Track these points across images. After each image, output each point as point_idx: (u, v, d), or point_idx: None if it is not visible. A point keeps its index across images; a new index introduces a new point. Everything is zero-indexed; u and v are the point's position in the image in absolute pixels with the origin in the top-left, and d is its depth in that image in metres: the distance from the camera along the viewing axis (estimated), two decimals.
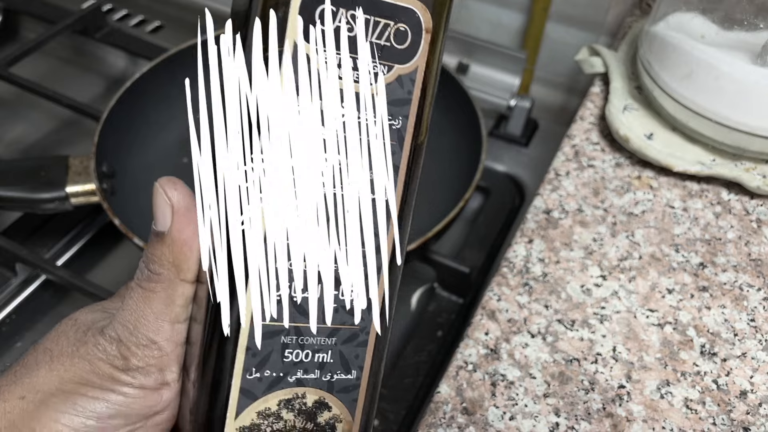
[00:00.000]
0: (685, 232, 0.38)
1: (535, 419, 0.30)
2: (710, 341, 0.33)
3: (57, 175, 0.40)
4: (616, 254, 0.37)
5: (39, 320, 0.43)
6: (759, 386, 0.31)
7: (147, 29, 0.64)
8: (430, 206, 0.44)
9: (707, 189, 0.41)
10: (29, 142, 0.55)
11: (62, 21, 0.58)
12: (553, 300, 0.35)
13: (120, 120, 0.44)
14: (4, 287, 0.43)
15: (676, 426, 0.30)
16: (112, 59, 0.63)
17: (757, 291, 0.35)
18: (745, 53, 0.39)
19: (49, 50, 0.61)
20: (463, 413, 0.30)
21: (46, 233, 0.45)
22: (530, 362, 0.32)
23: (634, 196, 0.40)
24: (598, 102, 0.47)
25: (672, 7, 0.42)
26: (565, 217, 0.39)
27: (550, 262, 0.37)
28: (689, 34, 0.41)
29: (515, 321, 0.34)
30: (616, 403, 0.31)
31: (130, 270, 0.45)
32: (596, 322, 0.34)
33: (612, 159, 0.43)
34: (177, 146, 0.48)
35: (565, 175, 0.42)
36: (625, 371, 0.32)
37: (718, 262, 0.37)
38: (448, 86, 0.46)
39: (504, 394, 0.31)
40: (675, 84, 0.41)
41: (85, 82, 0.61)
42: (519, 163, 0.53)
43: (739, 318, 0.34)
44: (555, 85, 0.62)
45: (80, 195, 0.40)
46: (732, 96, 0.38)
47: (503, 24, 0.61)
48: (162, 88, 0.48)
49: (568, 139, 0.44)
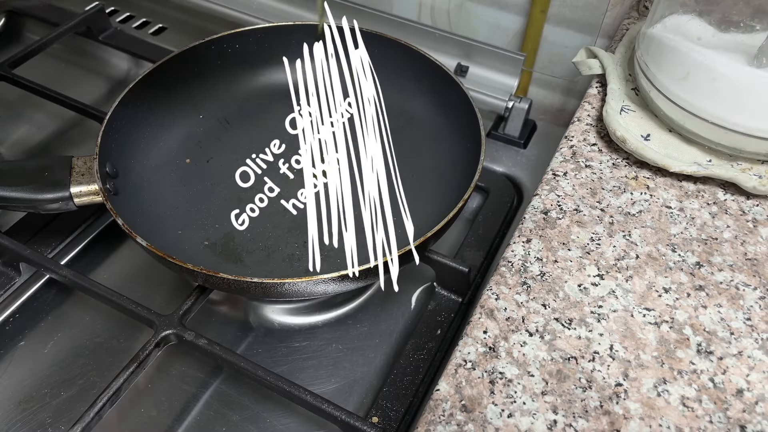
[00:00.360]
0: (682, 232, 0.39)
1: (533, 417, 0.30)
2: (707, 340, 0.33)
3: (60, 176, 0.40)
4: (613, 254, 0.37)
5: (43, 319, 0.43)
6: (755, 384, 0.32)
7: (150, 31, 0.64)
8: (430, 206, 0.44)
9: (703, 189, 0.41)
10: (33, 143, 0.55)
11: (65, 23, 0.59)
12: (550, 299, 0.35)
13: (123, 121, 0.44)
14: (8, 286, 0.43)
15: (673, 424, 0.30)
16: (115, 61, 0.63)
17: (753, 290, 0.36)
18: (741, 55, 0.39)
19: (53, 52, 0.62)
20: (462, 411, 0.31)
21: (49, 232, 0.46)
22: (528, 360, 0.33)
23: (631, 196, 0.41)
24: (596, 103, 0.48)
25: (669, 10, 0.43)
26: (562, 217, 0.39)
27: (548, 261, 0.37)
28: (686, 36, 0.41)
29: (513, 320, 0.34)
30: (613, 401, 0.31)
31: (133, 269, 0.46)
32: (593, 321, 0.34)
33: (609, 160, 0.43)
34: (179, 147, 0.48)
35: (562, 176, 0.42)
36: (622, 369, 0.32)
37: (714, 261, 0.37)
38: (448, 87, 0.47)
39: (502, 392, 0.31)
40: (672, 85, 0.41)
41: (88, 84, 0.61)
42: (517, 163, 0.53)
43: (736, 317, 0.34)
44: (553, 87, 0.62)
45: (84, 195, 0.40)
46: (728, 97, 0.39)
47: (502, 26, 0.61)
48: (165, 89, 0.48)
49: (565, 140, 0.45)
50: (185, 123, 0.50)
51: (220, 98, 0.51)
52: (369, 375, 0.40)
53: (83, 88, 0.60)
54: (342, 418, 0.34)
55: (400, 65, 0.50)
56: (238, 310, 0.44)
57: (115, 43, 0.61)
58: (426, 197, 0.45)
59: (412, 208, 0.45)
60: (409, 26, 0.57)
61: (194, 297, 0.39)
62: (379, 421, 0.36)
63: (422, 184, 0.46)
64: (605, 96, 0.46)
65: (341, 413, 0.34)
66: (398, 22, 0.57)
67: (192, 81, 0.50)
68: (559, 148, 0.44)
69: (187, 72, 0.49)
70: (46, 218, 0.46)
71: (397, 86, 0.51)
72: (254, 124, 0.51)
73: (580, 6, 0.56)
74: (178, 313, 0.38)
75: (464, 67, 0.56)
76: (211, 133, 0.50)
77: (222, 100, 0.51)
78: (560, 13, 0.58)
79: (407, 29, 0.57)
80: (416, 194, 0.46)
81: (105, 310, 0.43)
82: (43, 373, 0.40)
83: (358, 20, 0.59)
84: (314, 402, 0.35)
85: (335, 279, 0.35)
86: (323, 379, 0.40)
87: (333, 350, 0.41)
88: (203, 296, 0.40)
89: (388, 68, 0.51)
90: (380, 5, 0.60)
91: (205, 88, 0.51)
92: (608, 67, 0.47)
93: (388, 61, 0.50)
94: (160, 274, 0.45)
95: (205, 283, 0.37)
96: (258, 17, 0.62)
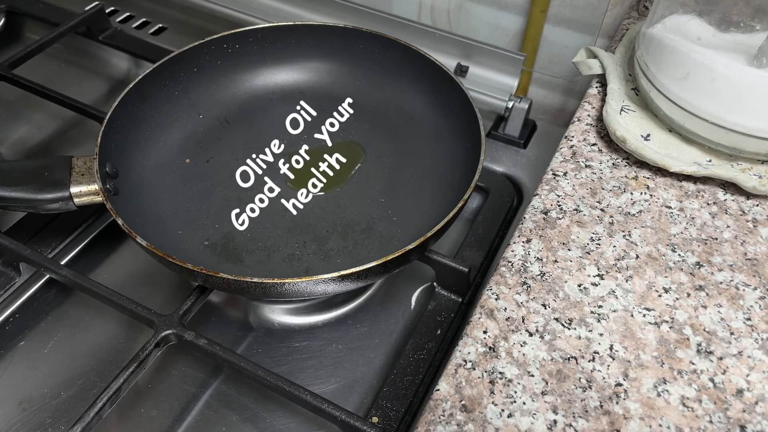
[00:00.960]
0: (682, 232, 0.39)
1: (533, 417, 0.30)
2: (706, 340, 0.33)
3: (60, 176, 0.40)
4: (613, 254, 0.37)
5: (43, 319, 0.43)
6: (755, 384, 0.32)
7: (150, 31, 0.64)
8: (430, 206, 0.44)
9: (703, 189, 0.41)
10: (33, 143, 0.55)
11: (65, 23, 0.59)
12: (550, 299, 0.35)
13: (123, 121, 0.44)
14: (8, 287, 0.43)
15: (673, 424, 0.30)
16: (115, 61, 0.63)
17: (753, 290, 0.36)
18: (741, 55, 0.39)
19: (53, 52, 0.62)
20: (462, 411, 0.31)
21: (49, 232, 0.46)
22: (528, 360, 0.33)
23: (631, 196, 0.41)
24: (596, 103, 0.48)
25: (669, 10, 0.43)
26: (562, 217, 0.39)
27: (548, 261, 0.37)
28: (686, 36, 0.41)
29: (513, 320, 0.34)
30: (613, 401, 0.31)
31: (133, 269, 0.46)
32: (593, 321, 0.34)
33: (609, 160, 0.43)
34: (179, 147, 0.48)
35: (562, 176, 0.42)
36: (622, 369, 0.32)
37: (714, 261, 0.37)
38: (448, 87, 0.47)
39: (502, 392, 0.31)
40: (672, 85, 0.41)
41: (88, 84, 0.61)
42: (517, 163, 0.53)
43: (735, 317, 0.34)
44: (553, 87, 0.62)
45: (84, 195, 0.40)
46: (728, 97, 0.39)
47: (502, 26, 0.61)
48: (165, 89, 0.48)
49: (565, 140, 0.45)
50: (185, 123, 0.50)
51: (220, 98, 0.51)
52: (369, 375, 0.40)
53: (83, 88, 0.60)
54: (342, 418, 0.34)
55: (400, 65, 0.50)
56: (238, 310, 0.44)
57: (115, 43, 0.61)
58: (426, 197, 0.45)
59: (412, 208, 0.45)
60: (409, 26, 0.57)
61: (194, 297, 0.39)
62: (379, 421, 0.36)
63: (422, 184, 0.46)
64: (605, 96, 0.46)
65: (341, 413, 0.34)
66: (398, 22, 0.57)
67: (192, 81, 0.50)
68: (559, 148, 0.44)
69: (188, 72, 0.49)
70: (46, 218, 0.46)
71: (397, 86, 0.51)
72: (254, 124, 0.51)
73: (580, 6, 0.56)
74: (178, 313, 0.38)
75: (464, 67, 0.56)
76: (211, 133, 0.50)
77: (222, 100, 0.51)
78: (560, 13, 0.58)
79: (407, 29, 0.57)
80: (416, 194, 0.46)
81: (105, 310, 0.43)
82: (43, 373, 0.40)
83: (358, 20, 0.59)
84: (314, 402, 0.35)
85: (335, 279, 0.35)
86: (323, 379, 0.40)
87: (333, 350, 0.41)
88: (203, 296, 0.40)
89: (388, 68, 0.51)
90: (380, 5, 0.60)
91: (205, 88, 0.51)
92: (608, 67, 0.47)
93: (388, 61, 0.50)
94: (160, 274, 0.45)
95: (205, 283, 0.37)
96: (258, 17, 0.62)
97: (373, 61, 0.51)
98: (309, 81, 0.53)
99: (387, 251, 0.37)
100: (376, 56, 0.51)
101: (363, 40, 0.51)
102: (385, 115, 0.51)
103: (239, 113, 0.51)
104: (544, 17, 0.58)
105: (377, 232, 0.43)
